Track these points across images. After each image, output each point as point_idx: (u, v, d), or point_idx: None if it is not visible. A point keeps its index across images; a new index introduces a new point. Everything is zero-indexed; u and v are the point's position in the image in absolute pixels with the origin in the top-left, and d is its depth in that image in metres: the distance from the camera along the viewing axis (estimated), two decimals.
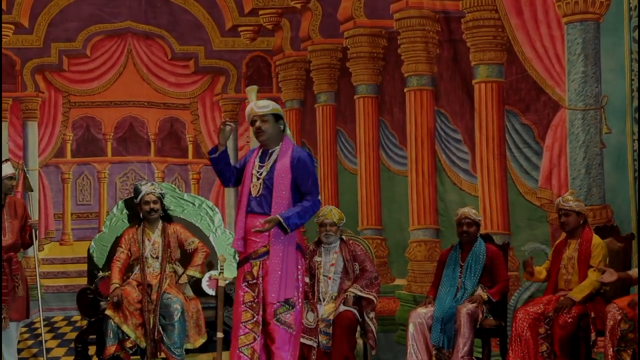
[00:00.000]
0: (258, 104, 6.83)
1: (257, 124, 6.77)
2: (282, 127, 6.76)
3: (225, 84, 11.21)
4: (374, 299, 8.54)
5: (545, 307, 7.76)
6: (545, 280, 8.16)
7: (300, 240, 6.82)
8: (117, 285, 8.60)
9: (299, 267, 6.80)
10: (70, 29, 10.92)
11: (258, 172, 6.79)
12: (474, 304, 8.13)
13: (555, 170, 8.94)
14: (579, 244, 7.87)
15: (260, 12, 11.13)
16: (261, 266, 6.79)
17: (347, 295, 8.50)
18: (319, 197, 6.72)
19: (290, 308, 6.74)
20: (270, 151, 6.83)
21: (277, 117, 6.78)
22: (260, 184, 6.75)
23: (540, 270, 8.11)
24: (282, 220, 6.58)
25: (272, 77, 11.29)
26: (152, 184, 9.10)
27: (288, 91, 11.26)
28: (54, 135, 10.91)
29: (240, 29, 11.21)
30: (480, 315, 8.18)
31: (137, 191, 9.07)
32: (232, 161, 6.99)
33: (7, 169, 8.95)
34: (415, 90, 10.38)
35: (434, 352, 8.22)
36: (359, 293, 8.49)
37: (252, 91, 6.88)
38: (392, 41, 10.63)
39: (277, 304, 6.73)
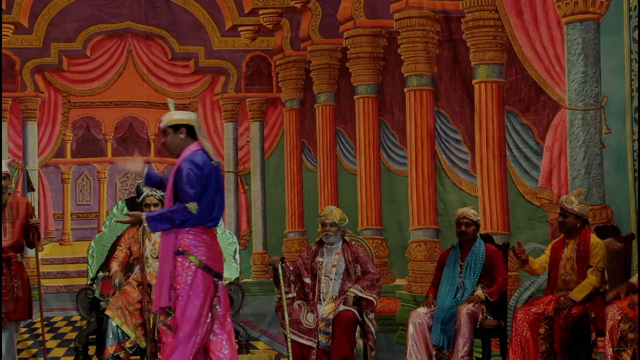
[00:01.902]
0: (162, 118, 6.97)
1: (162, 139, 6.94)
2: (182, 136, 6.80)
3: (225, 83, 11.20)
4: (374, 300, 8.53)
5: (545, 307, 7.76)
6: (539, 273, 8.17)
7: (186, 245, 6.77)
8: (117, 269, 8.60)
9: (179, 271, 6.77)
10: (70, 29, 10.90)
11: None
12: (474, 304, 8.14)
13: (555, 171, 8.95)
14: (577, 244, 7.87)
15: (260, 12, 11.13)
16: None
17: (347, 295, 8.50)
18: (188, 204, 6.65)
19: (171, 314, 6.79)
20: None
21: (177, 128, 6.83)
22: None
23: (534, 261, 8.11)
24: (143, 218, 6.76)
25: (272, 77, 11.29)
26: None
27: (288, 91, 11.26)
28: (53, 135, 10.90)
29: (240, 28, 11.20)
30: (480, 315, 8.19)
31: (139, 190, 9.07)
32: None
33: None
34: (415, 90, 10.38)
35: (434, 352, 8.23)
36: (359, 294, 8.49)
37: (169, 103, 6.98)
38: (392, 41, 10.63)
39: (159, 310, 6.87)
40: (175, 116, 6.84)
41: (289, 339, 8.44)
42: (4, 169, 8.89)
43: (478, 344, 8.31)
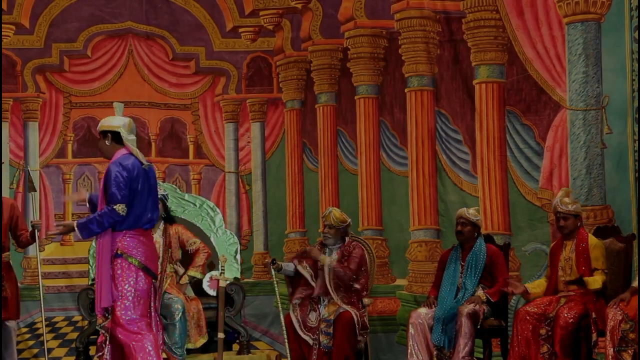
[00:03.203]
0: None
1: None
2: (107, 142, 7.03)
3: (226, 84, 11.20)
4: (359, 288, 8.53)
5: (545, 307, 7.77)
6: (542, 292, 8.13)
7: (124, 247, 6.90)
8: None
9: (119, 273, 6.90)
10: (71, 30, 10.89)
11: None
12: (475, 305, 8.14)
13: (555, 171, 8.95)
14: (576, 245, 7.87)
15: (261, 12, 11.13)
16: None
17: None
18: (115, 206, 6.78)
19: (108, 317, 6.96)
20: None
21: (104, 134, 7.07)
22: None
23: (535, 285, 8.10)
24: (75, 226, 6.92)
25: (273, 77, 11.29)
26: None
27: (289, 91, 11.26)
28: (54, 135, 10.91)
29: (240, 29, 11.20)
30: (481, 316, 8.20)
31: None
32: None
33: None
34: (416, 90, 10.38)
35: (434, 352, 8.23)
36: (331, 263, 8.50)
37: (115, 107, 7.26)
38: (393, 41, 10.62)
39: (100, 312, 7.03)
40: (102, 122, 7.10)
41: (286, 339, 8.47)
42: None
43: (479, 344, 8.31)
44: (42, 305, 9.02)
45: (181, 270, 9.05)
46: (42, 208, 10.69)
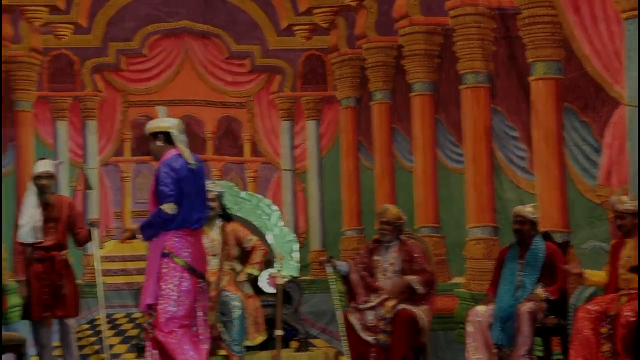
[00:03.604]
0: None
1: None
2: (159, 143, 7.09)
3: (281, 82, 11.24)
4: (420, 290, 8.54)
5: (606, 306, 7.71)
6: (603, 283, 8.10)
7: (171, 247, 6.98)
8: None
9: (165, 271, 6.97)
10: (128, 29, 10.99)
11: None
12: (534, 303, 8.12)
13: (614, 168, 8.89)
14: (637, 242, 7.82)
15: (315, 10, 11.15)
16: None
17: (403, 277, 8.51)
18: (162, 206, 6.89)
19: (153, 314, 7.00)
20: None
21: (155, 135, 7.13)
22: None
23: (597, 273, 8.05)
24: (137, 230, 7.10)
25: (327, 75, 11.31)
26: (212, 182, 9.16)
27: (343, 89, 11.26)
28: (112, 134, 11.01)
29: (295, 27, 11.24)
30: (541, 314, 8.17)
31: None
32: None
33: (38, 167, 9.05)
34: (471, 87, 10.35)
35: (494, 351, 8.22)
36: (414, 284, 8.50)
37: (159, 111, 7.29)
38: (448, 38, 10.60)
39: (145, 309, 7.07)
40: (153, 124, 7.17)
41: (344, 337, 8.49)
42: (48, 168, 9.02)
43: (538, 343, 8.29)
44: (102, 302, 9.12)
45: (239, 267, 9.10)
46: (102, 206, 10.79)
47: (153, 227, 7.01)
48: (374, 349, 8.48)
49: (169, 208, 6.90)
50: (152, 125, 7.20)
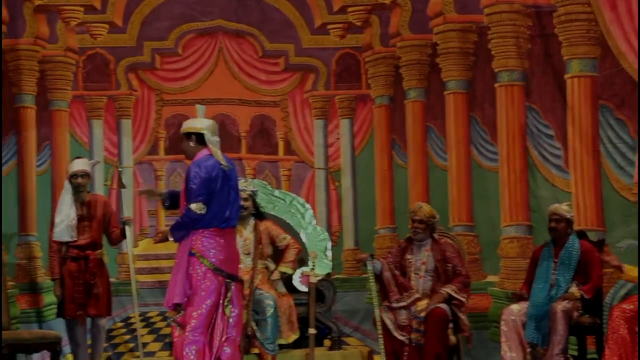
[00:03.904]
0: None
1: None
2: (191, 143, 7.18)
3: (315, 81, 11.22)
4: (465, 302, 8.52)
5: None
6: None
7: (198, 247, 7.04)
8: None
9: (191, 271, 7.05)
10: (162, 28, 11.01)
11: None
12: (569, 302, 8.07)
13: None
14: None
15: (350, 9, 11.12)
16: None
17: (442, 292, 8.48)
18: (190, 205, 6.98)
19: (180, 312, 7.10)
20: None
21: (188, 135, 7.23)
22: None
23: (634, 269, 7.99)
24: (168, 232, 7.24)
25: (362, 74, 11.28)
26: (246, 181, 9.18)
27: (377, 88, 11.23)
28: (147, 133, 11.05)
29: (329, 26, 11.21)
30: (575, 313, 8.12)
31: None
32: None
33: (74, 166, 9.11)
34: (506, 85, 10.33)
35: (528, 350, 8.18)
36: (454, 294, 8.47)
37: (198, 110, 7.38)
38: (483, 36, 10.58)
39: (170, 307, 7.16)
40: (187, 124, 7.28)
41: (380, 336, 8.48)
42: (83, 167, 9.09)
43: (573, 342, 8.24)
44: (136, 301, 9.17)
45: (272, 266, 9.11)
46: (136, 204, 10.84)
47: (183, 227, 7.09)
48: (407, 348, 8.46)
49: (197, 207, 6.96)
50: (186, 126, 7.28)
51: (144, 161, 10.94)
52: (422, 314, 8.45)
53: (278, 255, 9.15)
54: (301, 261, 9.27)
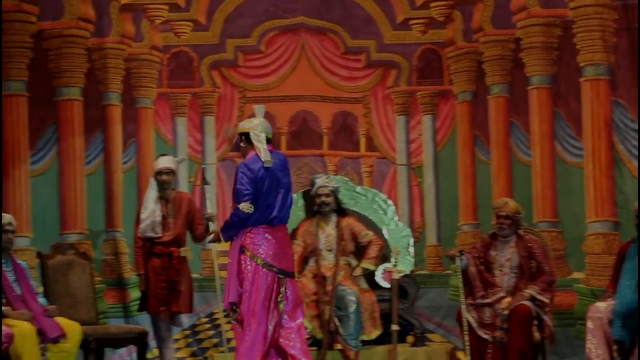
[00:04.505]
0: None
1: None
2: (242, 143, 7.29)
3: (396, 77, 11.19)
4: (548, 302, 8.45)
5: None
6: None
7: (247, 244, 7.13)
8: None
9: (243, 268, 7.14)
10: (245, 25, 11.08)
11: None
12: None
13: None
14: None
15: (432, 4, 11.06)
16: None
17: (524, 293, 8.41)
18: (239, 205, 7.10)
19: (236, 310, 7.14)
20: None
21: (240, 135, 7.33)
22: None
23: None
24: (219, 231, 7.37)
25: (444, 69, 11.23)
26: (328, 177, 9.21)
27: (460, 83, 11.17)
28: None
29: (411, 22, 11.18)
30: None
31: (312, 183, 9.22)
32: None
33: (159, 163, 9.21)
34: (592, 80, 10.26)
35: (614, 348, 8.08)
36: (537, 295, 8.40)
37: (256, 110, 7.45)
38: (567, 30, 10.50)
39: (228, 306, 7.21)
40: (239, 125, 7.40)
41: (466, 333, 8.44)
42: (169, 164, 9.19)
43: None
44: (220, 296, 9.24)
45: (354, 262, 9.14)
46: (219, 201, 10.94)
47: (232, 227, 7.21)
48: (491, 345, 8.41)
49: (244, 207, 7.08)
50: (238, 127, 7.43)
51: (227, 158, 11.02)
52: (506, 312, 8.39)
53: (360, 251, 9.17)
54: (383, 257, 9.28)
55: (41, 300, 8.49)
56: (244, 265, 7.14)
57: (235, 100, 11.14)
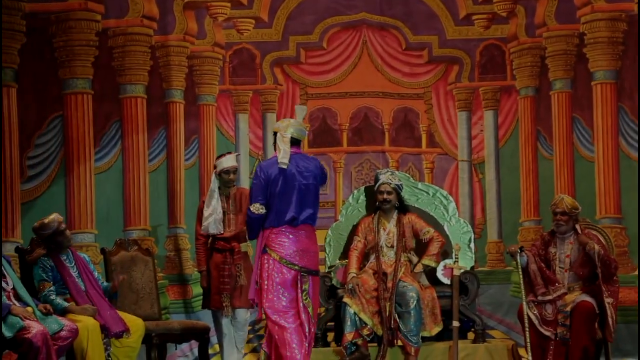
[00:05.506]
0: None
1: None
2: (274, 143, 7.45)
3: (459, 72, 11.15)
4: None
5: None
6: None
7: (268, 241, 7.30)
8: (354, 275, 8.79)
9: (264, 268, 7.31)
10: (307, 22, 11.12)
11: None
12: None
13: None
14: None
15: None
16: None
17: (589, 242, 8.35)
18: (251, 206, 7.31)
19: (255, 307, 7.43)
20: None
21: (274, 135, 7.49)
22: None
23: None
24: None
25: (506, 65, 11.17)
26: (392, 174, 9.19)
27: (522, 78, 11.10)
28: None
29: (474, 17, 11.14)
30: None
31: (376, 179, 9.21)
32: None
33: (226, 162, 9.29)
34: None
35: None
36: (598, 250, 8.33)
37: (297, 110, 7.56)
38: (632, 25, 10.40)
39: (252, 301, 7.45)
40: (274, 127, 7.56)
41: (527, 329, 8.39)
42: (234, 163, 9.28)
43: None
44: None
45: (415, 259, 9.12)
46: None
47: (248, 226, 7.45)
48: (553, 342, 8.36)
49: (254, 208, 7.28)
50: (274, 126, 7.67)
51: None
52: (568, 308, 8.33)
53: (421, 248, 9.15)
54: (444, 254, 9.25)
55: (104, 285, 8.66)
56: (266, 264, 7.31)
57: (296, 96, 11.19)
